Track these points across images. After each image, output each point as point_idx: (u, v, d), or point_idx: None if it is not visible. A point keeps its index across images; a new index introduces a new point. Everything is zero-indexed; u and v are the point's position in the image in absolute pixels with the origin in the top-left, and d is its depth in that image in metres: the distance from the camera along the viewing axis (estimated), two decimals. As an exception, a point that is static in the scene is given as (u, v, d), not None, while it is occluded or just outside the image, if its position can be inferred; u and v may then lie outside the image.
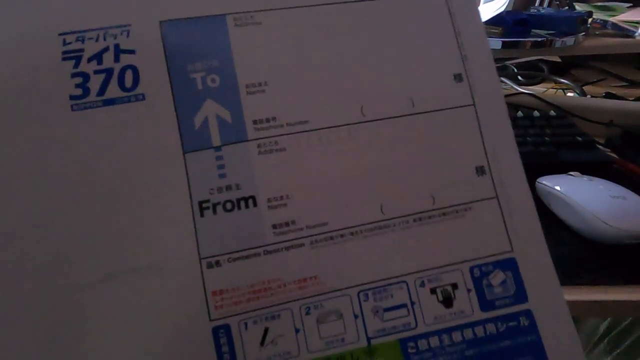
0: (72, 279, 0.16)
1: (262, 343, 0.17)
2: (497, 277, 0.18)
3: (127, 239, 0.17)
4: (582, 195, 0.36)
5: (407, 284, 0.18)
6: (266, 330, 0.17)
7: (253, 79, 0.18)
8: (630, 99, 0.60)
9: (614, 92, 0.64)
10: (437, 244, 0.18)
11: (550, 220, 0.37)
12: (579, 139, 0.47)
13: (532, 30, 0.55)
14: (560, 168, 0.41)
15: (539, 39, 0.53)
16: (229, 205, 0.17)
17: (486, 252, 0.19)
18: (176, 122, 0.18)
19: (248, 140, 0.18)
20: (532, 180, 0.41)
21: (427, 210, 0.19)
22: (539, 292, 0.18)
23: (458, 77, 0.20)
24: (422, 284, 0.18)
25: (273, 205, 0.18)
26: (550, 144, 0.46)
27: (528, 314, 0.18)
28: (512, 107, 0.58)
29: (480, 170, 0.19)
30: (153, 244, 0.17)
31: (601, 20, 0.58)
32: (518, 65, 0.73)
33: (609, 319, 0.50)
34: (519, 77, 0.71)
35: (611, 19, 0.58)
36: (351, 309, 0.17)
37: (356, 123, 0.19)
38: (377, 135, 0.19)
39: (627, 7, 0.69)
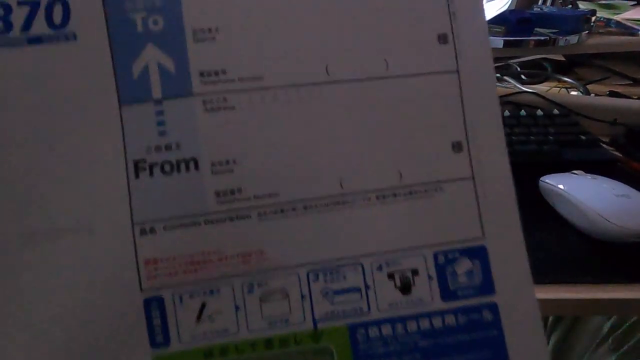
0: None
1: (198, 318, 0.15)
2: (463, 265, 0.17)
3: (53, 195, 0.15)
4: (586, 194, 0.35)
5: (362, 266, 0.16)
6: (203, 305, 0.15)
7: (202, 23, 0.16)
8: (635, 97, 0.59)
9: (618, 90, 0.63)
10: (400, 224, 0.16)
11: (554, 218, 0.36)
12: (583, 137, 0.46)
13: (536, 29, 0.55)
14: (564, 167, 0.40)
15: (542, 38, 0.52)
16: (167, 167, 0.15)
17: (454, 237, 0.17)
18: (112, 68, 0.15)
19: (193, 95, 0.15)
20: (535, 179, 0.41)
21: (392, 186, 0.16)
22: (508, 285, 0.17)
23: (443, 38, 0.17)
24: (380, 268, 0.16)
25: (217, 170, 0.15)
26: (553, 142, 0.45)
27: (493, 307, 0.16)
28: (515, 105, 0.57)
29: (457, 147, 0.17)
30: (81, 203, 0.15)
31: (605, 18, 0.57)
32: (521, 64, 0.72)
33: (613, 318, 0.50)
34: (522, 76, 0.70)
35: (615, 17, 0.57)
36: (299, 288, 0.16)
37: (319, 83, 0.16)
38: (343, 99, 0.16)
39: (631, 5, 0.67)
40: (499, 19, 0.53)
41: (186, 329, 0.15)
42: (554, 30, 0.54)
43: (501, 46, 0.53)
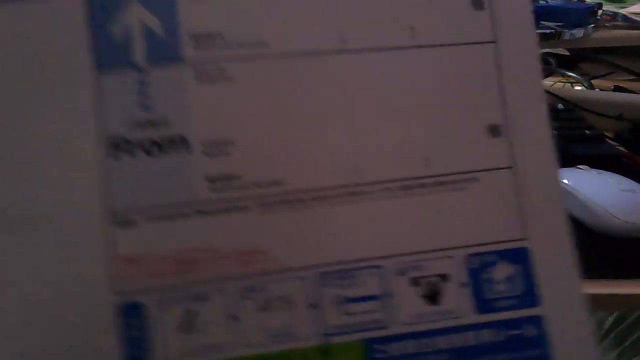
0: None
1: (184, 329, 0.12)
2: (502, 271, 0.14)
3: (11, 178, 0.12)
4: (591, 189, 0.34)
5: (381, 270, 0.13)
6: (191, 314, 0.12)
7: None
8: (640, 92, 0.59)
9: (623, 85, 0.63)
10: (427, 221, 0.14)
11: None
12: (588, 132, 0.44)
13: (541, 22, 0.54)
14: (569, 162, 0.39)
15: (548, 31, 0.52)
16: (150, 146, 0.13)
17: (490, 237, 0.14)
18: (88, 29, 0.13)
19: (184, 62, 0.13)
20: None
21: (418, 176, 0.14)
22: (555, 294, 0.14)
23: (477, 3, 0.14)
24: (402, 272, 0.13)
25: (211, 152, 0.13)
26: (558, 137, 0.43)
27: (538, 321, 0.14)
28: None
29: (494, 131, 0.14)
30: (44, 188, 0.12)
31: (611, 12, 0.56)
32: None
33: (615, 313, 0.49)
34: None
35: (622, 11, 0.57)
36: (306, 295, 0.13)
37: (332, 52, 0.14)
38: (359, 71, 0.14)
39: (639, -1, 0.67)
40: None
41: (169, 342, 0.12)
42: (559, 24, 0.53)
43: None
